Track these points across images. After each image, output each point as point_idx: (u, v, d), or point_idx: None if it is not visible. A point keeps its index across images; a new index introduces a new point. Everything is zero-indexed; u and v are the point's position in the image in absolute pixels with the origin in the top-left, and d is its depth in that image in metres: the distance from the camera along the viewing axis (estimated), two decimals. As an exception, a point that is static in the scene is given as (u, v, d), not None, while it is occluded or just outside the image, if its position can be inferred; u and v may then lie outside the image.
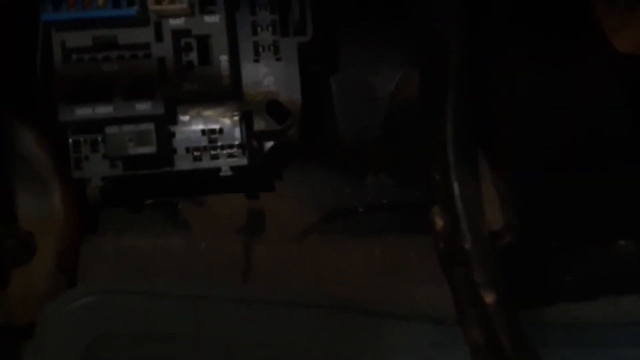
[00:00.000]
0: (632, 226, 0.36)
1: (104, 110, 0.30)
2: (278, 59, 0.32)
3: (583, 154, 0.35)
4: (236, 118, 0.32)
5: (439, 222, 0.24)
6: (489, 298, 0.20)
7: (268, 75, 0.32)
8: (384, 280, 0.37)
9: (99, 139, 0.31)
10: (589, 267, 0.37)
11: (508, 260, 0.30)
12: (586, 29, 0.30)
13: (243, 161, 0.32)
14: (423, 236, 0.31)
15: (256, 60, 0.32)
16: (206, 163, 0.32)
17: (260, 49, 0.32)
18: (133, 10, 0.28)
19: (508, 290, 0.21)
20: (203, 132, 0.32)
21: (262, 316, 0.31)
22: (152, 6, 0.29)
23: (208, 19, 0.30)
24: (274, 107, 0.33)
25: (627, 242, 0.36)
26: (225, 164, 0.32)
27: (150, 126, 0.30)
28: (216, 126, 0.32)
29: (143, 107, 0.30)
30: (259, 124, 0.33)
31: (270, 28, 0.32)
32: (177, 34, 0.30)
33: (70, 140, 0.31)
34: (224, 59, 0.31)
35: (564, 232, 0.36)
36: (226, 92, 0.31)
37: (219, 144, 0.32)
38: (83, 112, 0.30)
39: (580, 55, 0.33)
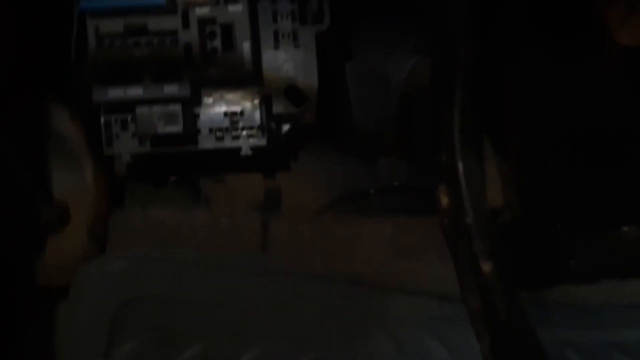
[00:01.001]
0: (636, 212, 0.37)
1: (135, 91, 0.32)
2: (297, 47, 0.34)
3: (589, 140, 0.36)
4: (256, 101, 0.34)
5: (444, 200, 0.26)
6: (487, 267, 0.22)
7: (287, 62, 0.34)
8: (393, 258, 0.39)
9: (129, 118, 0.33)
10: (592, 252, 0.38)
11: (509, 236, 0.31)
12: (591, 24, 0.31)
13: (262, 142, 0.34)
14: (431, 218, 0.33)
15: (276, 47, 0.34)
16: (228, 143, 0.34)
17: (280, 36, 0.34)
18: (163, 0, 0.30)
19: (506, 262, 0.23)
20: (225, 114, 0.34)
21: (277, 286, 0.33)
22: (180, -6, 0.31)
23: (232, 8, 0.32)
24: (292, 92, 0.34)
25: (630, 228, 0.37)
26: (245, 144, 0.34)
27: (177, 107, 0.32)
28: (237, 109, 0.34)
29: (171, 89, 0.32)
30: (278, 108, 0.34)
31: (289, 17, 0.33)
32: (203, 21, 0.32)
33: (102, 120, 0.33)
34: (246, 46, 0.32)
35: (569, 217, 0.37)
36: (247, 77, 0.33)
37: (240, 125, 0.34)
38: (115, 93, 0.32)
39: (586, 48, 0.34)
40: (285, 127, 0.35)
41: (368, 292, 0.36)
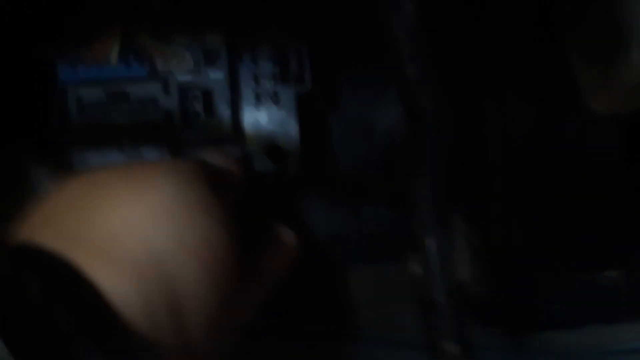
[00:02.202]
0: (618, 257, 0.37)
1: (114, 156, 0.32)
2: (278, 106, 0.34)
3: (571, 188, 0.37)
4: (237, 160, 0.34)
5: (416, 270, 0.26)
6: (451, 348, 0.23)
7: (268, 121, 0.35)
8: (376, 307, 0.39)
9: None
10: (576, 297, 0.38)
11: (479, 310, 0.31)
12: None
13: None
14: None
15: (257, 107, 0.34)
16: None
17: (261, 97, 0.34)
18: (144, 71, 0.31)
19: (470, 341, 0.23)
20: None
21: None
22: (161, 66, 0.32)
23: (212, 75, 0.33)
24: (272, 150, 0.35)
25: (614, 272, 0.37)
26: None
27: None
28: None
29: (150, 154, 0.32)
30: (259, 166, 0.35)
31: (271, 78, 0.34)
32: (184, 88, 0.33)
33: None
34: (226, 110, 0.33)
35: (553, 262, 0.37)
36: (228, 138, 0.34)
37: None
38: (95, 159, 0.32)
39: (569, 95, 0.35)
40: (268, 182, 0.36)
41: (351, 344, 0.36)
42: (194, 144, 0.33)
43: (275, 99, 0.34)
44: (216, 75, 0.33)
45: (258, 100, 0.34)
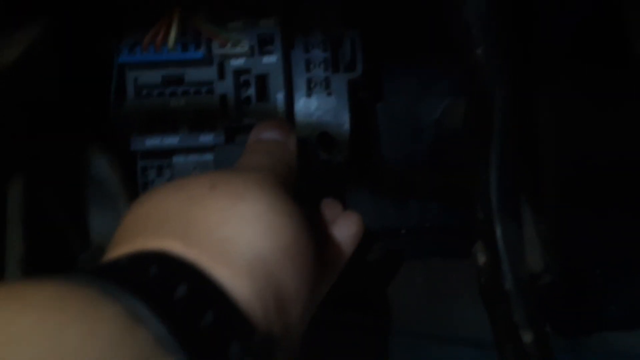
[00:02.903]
0: None
1: (171, 140, 0.32)
2: (329, 94, 0.34)
3: (629, 185, 0.35)
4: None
5: (481, 259, 0.25)
6: (527, 338, 0.22)
7: (319, 109, 0.34)
8: (426, 304, 0.38)
9: (164, 164, 0.34)
10: (633, 297, 0.37)
11: (549, 295, 0.30)
12: (629, 64, 0.30)
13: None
14: (465, 261, 0.32)
15: (308, 95, 0.34)
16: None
17: (313, 84, 0.34)
18: (200, 54, 0.31)
19: (545, 331, 0.22)
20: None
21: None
22: (216, 50, 0.31)
23: (266, 59, 0.33)
24: (323, 138, 0.35)
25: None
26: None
27: (211, 157, 0.33)
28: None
29: (206, 138, 0.32)
30: (309, 153, 0.34)
31: (322, 65, 0.34)
32: (238, 72, 0.33)
33: (139, 166, 0.34)
34: (279, 95, 0.33)
35: (609, 261, 0.36)
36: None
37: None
38: (152, 142, 0.32)
39: (626, 91, 0.34)
40: (317, 171, 0.36)
41: (400, 339, 0.35)
42: (248, 129, 0.33)
43: (326, 86, 0.34)
44: (270, 60, 0.32)
45: (309, 87, 0.34)
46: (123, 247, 0.19)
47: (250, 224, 0.20)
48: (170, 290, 0.16)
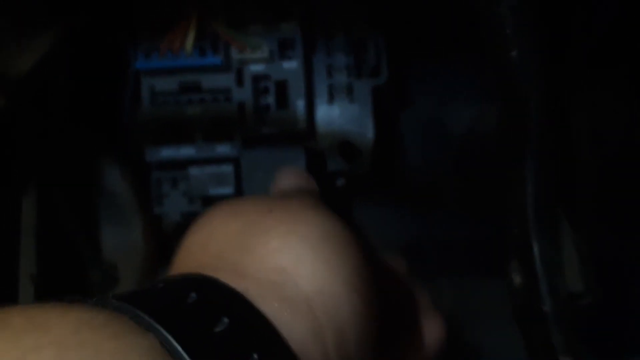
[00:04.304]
0: None
1: (187, 151, 0.31)
2: (351, 101, 0.33)
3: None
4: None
5: (517, 279, 0.23)
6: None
7: (341, 117, 0.33)
8: (455, 325, 0.36)
9: (179, 176, 0.32)
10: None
11: (590, 318, 0.28)
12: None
13: None
14: (495, 278, 0.30)
15: (330, 102, 0.33)
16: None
17: (335, 91, 0.33)
18: (218, 59, 0.30)
19: (585, 356, 0.20)
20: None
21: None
22: (235, 55, 0.30)
23: (287, 64, 0.31)
24: (346, 147, 0.33)
25: None
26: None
27: (229, 168, 0.31)
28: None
29: (223, 149, 0.31)
30: (331, 164, 0.33)
31: (345, 70, 0.32)
32: (257, 79, 0.31)
33: (152, 178, 0.33)
34: (300, 102, 0.31)
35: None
36: (301, 134, 0.32)
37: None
38: (168, 153, 0.31)
39: None
40: (339, 182, 0.34)
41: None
42: (267, 138, 0.32)
43: (349, 93, 0.32)
44: (290, 66, 0.31)
45: (331, 94, 0.33)
46: None
47: (310, 251, 0.17)
48: (209, 323, 0.14)
